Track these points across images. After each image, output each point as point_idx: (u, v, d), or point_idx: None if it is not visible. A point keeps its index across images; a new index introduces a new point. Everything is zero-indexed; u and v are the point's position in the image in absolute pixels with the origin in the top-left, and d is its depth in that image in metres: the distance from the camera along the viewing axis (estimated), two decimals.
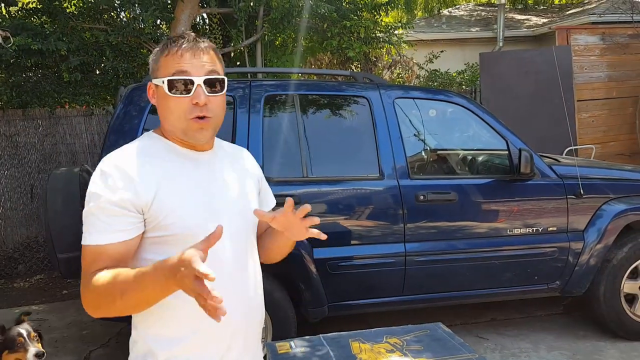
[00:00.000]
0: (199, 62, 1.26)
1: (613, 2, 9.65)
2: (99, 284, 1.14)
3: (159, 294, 1.09)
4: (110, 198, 1.18)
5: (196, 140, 1.28)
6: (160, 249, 1.22)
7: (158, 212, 1.20)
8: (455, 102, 3.73)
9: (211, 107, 1.27)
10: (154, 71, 1.30)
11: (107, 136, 3.24)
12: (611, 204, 3.66)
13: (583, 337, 3.85)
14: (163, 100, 1.27)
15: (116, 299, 1.12)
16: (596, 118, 7.44)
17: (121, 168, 1.21)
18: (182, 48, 1.26)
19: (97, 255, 1.18)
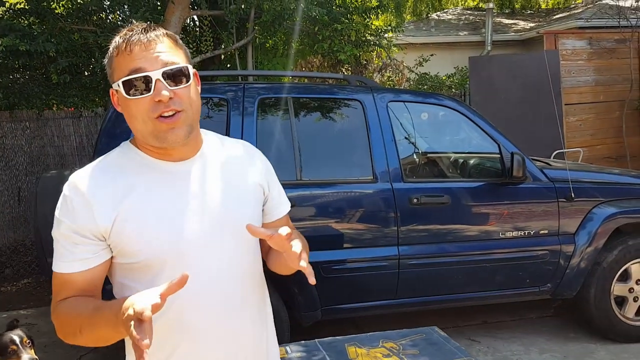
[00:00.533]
0: (153, 54, 1.09)
1: (600, 7, 9.77)
2: (62, 315, 1.10)
3: (113, 334, 1.03)
4: (70, 225, 1.09)
5: (169, 142, 1.11)
6: (131, 274, 1.14)
7: (119, 238, 1.10)
8: (448, 105, 3.74)
9: (178, 101, 1.10)
10: (110, 75, 1.15)
11: (99, 139, 3.21)
12: (601, 207, 3.69)
13: (574, 339, 3.88)
14: (124, 105, 1.12)
15: (76, 334, 1.07)
16: (584, 122, 7.52)
17: (80, 191, 1.10)
18: (131, 42, 1.10)
19: (63, 283, 1.12)
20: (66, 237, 1.10)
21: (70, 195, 1.11)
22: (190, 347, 1.16)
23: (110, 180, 1.13)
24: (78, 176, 1.14)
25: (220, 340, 1.17)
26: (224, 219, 1.18)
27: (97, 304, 1.07)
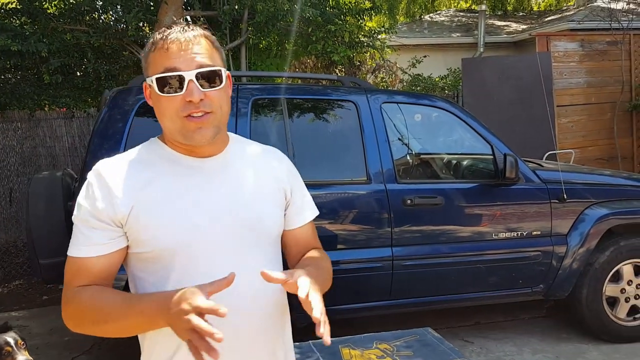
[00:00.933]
0: (189, 55, 1.11)
1: (592, 9, 9.84)
2: (82, 303, 1.09)
3: (144, 325, 1.04)
4: (89, 209, 1.11)
5: (196, 141, 1.14)
6: (144, 265, 1.15)
7: (134, 226, 1.11)
8: (442, 107, 3.76)
9: (208, 103, 1.12)
10: (145, 69, 1.18)
11: (92, 140, 3.20)
12: (593, 208, 3.71)
13: (566, 340, 3.90)
14: (156, 100, 1.15)
15: (99, 323, 1.07)
16: (575, 123, 7.56)
17: (103, 178, 1.13)
18: (169, 40, 1.12)
19: (78, 268, 1.12)
20: (84, 222, 1.12)
21: (92, 181, 1.14)
22: None
23: (133, 169, 1.15)
24: (103, 164, 1.17)
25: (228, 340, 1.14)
26: (241, 219, 1.18)
27: (127, 295, 1.08)
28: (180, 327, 0.94)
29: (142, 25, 6.51)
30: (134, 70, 7.19)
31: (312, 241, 1.37)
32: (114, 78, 6.37)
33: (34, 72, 6.58)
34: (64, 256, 3.51)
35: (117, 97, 3.29)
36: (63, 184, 3.35)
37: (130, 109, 3.23)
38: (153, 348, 1.17)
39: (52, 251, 3.21)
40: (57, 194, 3.30)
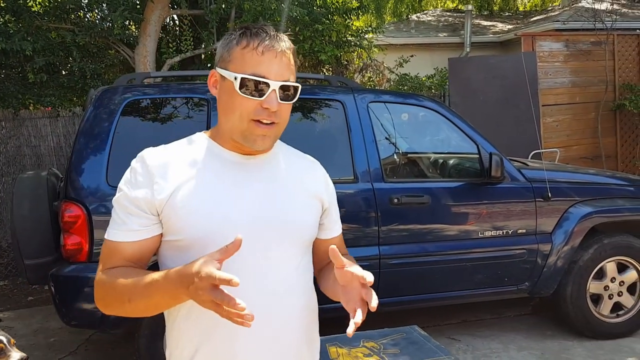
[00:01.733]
0: (279, 65, 1.14)
1: (576, 9, 9.94)
2: (109, 284, 1.13)
3: (168, 301, 1.08)
4: (128, 195, 1.15)
5: (255, 146, 1.17)
6: (175, 254, 1.17)
7: (169, 214, 1.14)
8: (428, 106, 3.78)
9: (279, 114, 1.16)
10: (224, 60, 1.17)
11: (77, 139, 3.18)
12: (577, 206, 3.76)
13: (551, 337, 3.95)
14: (228, 96, 1.16)
15: (124, 302, 1.10)
16: (560, 122, 7.64)
17: (145, 164, 1.16)
18: (265, 45, 1.14)
19: (112, 251, 1.16)
20: (122, 207, 1.16)
21: (135, 167, 1.18)
22: (220, 342, 1.15)
23: (176, 159, 1.18)
24: (147, 152, 1.20)
25: (255, 336, 1.15)
26: (275, 219, 1.19)
27: (150, 273, 1.10)
28: (200, 300, 0.96)
29: (128, 24, 6.47)
30: (120, 69, 7.15)
31: (342, 250, 1.40)
32: (99, 77, 6.32)
33: (18, 70, 6.50)
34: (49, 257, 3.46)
35: (103, 96, 3.27)
36: (48, 183, 3.32)
37: (116, 108, 3.21)
38: (178, 341, 1.19)
39: (38, 252, 3.19)
40: (42, 194, 3.28)
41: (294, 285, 1.21)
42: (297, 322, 1.22)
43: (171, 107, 3.38)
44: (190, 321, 1.16)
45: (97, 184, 3.06)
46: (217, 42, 6.51)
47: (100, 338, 4.11)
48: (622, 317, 3.87)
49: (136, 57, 6.00)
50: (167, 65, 6.21)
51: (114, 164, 3.08)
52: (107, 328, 3.13)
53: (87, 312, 3.06)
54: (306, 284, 1.26)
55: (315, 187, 1.30)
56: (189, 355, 1.17)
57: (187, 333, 1.17)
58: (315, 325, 1.30)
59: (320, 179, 1.34)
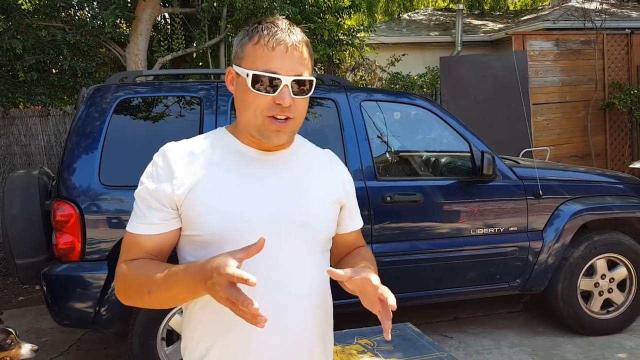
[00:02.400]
0: (290, 59, 1.13)
1: (566, 9, 10.01)
2: (129, 275, 1.14)
3: (187, 295, 1.08)
4: (149, 188, 1.16)
5: (271, 141, 1.17)
6: (193, 249, 1.18)
7: (189, 209, 1.15)
8: (420, 105, 3.80)
9: (294, 109, 1.15)
10: (238, 57, 1.18)
11: (69, 138, 3.16)
12: (568, 204, 3.79)
13: (542, 333, 3.98)
14: (242, 92, 1.17)
15: (144, 294, 1.11)
16: (551, 121, 7.70)
17: (167, 159, 1.17)
18: (275, 40, 1.13)
19: (132, 243, 1.18)
20: (143, 200, 1.17)
21: (157, 161, 1.18)
22: (235, 337, 1.16)
23: (197, 154, 1.19)
24: (169, 146, 1.20)
25: (269, 333, 1.15)
26: (293, 216, 1.19)
27: (170, 266, 1.11)
28: (217, 296, 0.97)
29: (119, 22, 6.43)
30: (111, 67, 7.11)
31: (358, 242, 1.42)
32: (90, 75, 6.28)
33: (8, 69, 6.45)
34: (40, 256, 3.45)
35: (95, 94, 3.25)
36: (40, 182, 3.30)
37: (108, 106, 3.20)
38: (194, 334, 1.20)
39: (29, 251, 3.18)
40: (33, 193, 3.26)
41: (310, 284, 1.21)
42: (311, 321, 1.22)
43: (163, 105, 3.38)
44: (207, 314, 1.17)
45: (90, 183, 3.05)
46: (209, 41, 6.51)
47: (92, 338, 4.09)
48: (612, 314, 3.91)
49: (127, 55, 5.97)
50: (158, 63, 6.18)
51: (107, 163, 3.07)
52: (100, 327, 3.12)
53: (79, 311, 3.05)
54: (322, 283, 1.25)
55: (334, 186, 1.30)
56: (205, 348, 1.18)
57: (203, 326, 1.18)
58: (329, 325, 1.31)
59: (340, 176, 1.34)
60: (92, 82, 6.04)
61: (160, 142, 1.25)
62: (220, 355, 1.16)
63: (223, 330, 1.16)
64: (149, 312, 3.06)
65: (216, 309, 1.13)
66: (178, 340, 3.19)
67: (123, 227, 3.02)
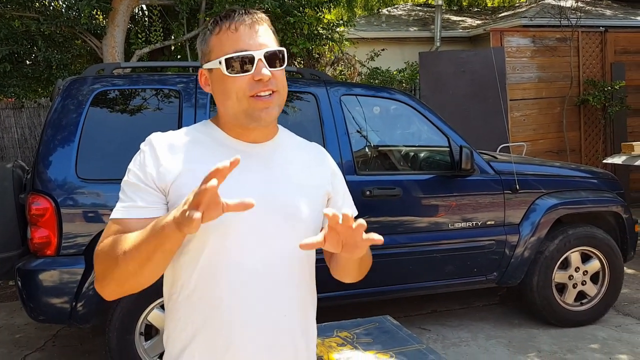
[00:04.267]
0: (256, 35, 1.14)
1: (543, 6, 10.14)
2: (105, 247, 1.10)
3: (158, 245, 1.02)
4: (137, 173, 1.15)
5: (262, 120, 1.16)
6: None
7: (174, 198, 1.13)
8: (400, 99, 3.82)
9: (274, 81, 1.15)
10: (205, 55, 1.19)
11: (45, 130, 3.11)
12: (544, 198, 3.86)
13: (518, 325, 4.05)
14: (220, 83, 1.16)
15: (118, 258, 1.06)
16: (527, 117, 7.81)
17: (153, 147, 1.17)
18: (236, 22, 1.14)
19: (115, 229, 1.14)
20: (131, 185, 1.15)
21: (144, 149, 1.18)
22: (219, 327, 1.15)
23: (182, 144, 1.19)
24: (155, 135, 1.20)
25: (252, 323, 1.15)
26: (279, 208, 1.18)
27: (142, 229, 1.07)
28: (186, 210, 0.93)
29: (96, 14, 6.32)
30: (88, 59, 6.99)
31: None
32: (65, 67, 6.16)
33: None
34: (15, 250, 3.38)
35: (72, 86, 3.20)
36: (14, 176, 3.24)
37: (85, 99, 3.15)
38: (177, 324, 1.19)
39: (3, 246, 3.12)
40: (7, 186, 3.20)
41: (295, 275, 1.21)
42: (296, 313, 1.21)
43: (142, 98, 3.34)
44: (190, 305, 1.16)
45: (66, 176, 3.00)
46: (188, 34, 6.45)
47: (68, 333, 4.04)
48: (586, 306, 3.99)
49: (104, 47, 5.88)
50: (136, 56, 6.10)
51: (84, 156, 3.02)
52: (76, 322, 3.08)
53: (55, 306, 3.01)
54: (307, 275, 1.25)
55: (320, 178, 1.29)
56: (188, 338, 1.17)
57: (186, 316, 1.17)
58: (312, 316, 1.30)
59: (326, 168, 1.33)
60: (67, 74, 5.93)
61: (139, 136, 1.24)
62: (204, 345, 1.16)
63: (206, 321, 1.15)
64: (127, 306, 3.03)
65: (200, 298, 1.14)
66: (157, 335, 3.17)
67: (101, 221, 3.01)
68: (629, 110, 7.94)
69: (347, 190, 1.39)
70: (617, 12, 10.99)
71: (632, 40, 8.24)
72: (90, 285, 2.97)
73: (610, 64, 8.05)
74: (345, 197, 1.36)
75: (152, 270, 1.08)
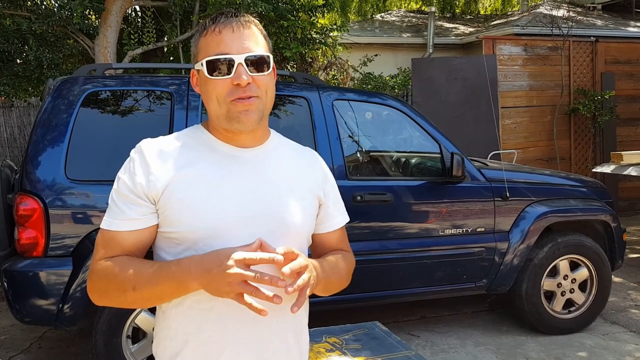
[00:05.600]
0: (239, 38, 1.14)
1: (535, 15, 10.23)
2: (111, 272, 1.11)
3: (175, 290, 1.07)
4: (127, 184, 1.15)
5: (242, 124, 1.14)
6: (170, 247, 1.17)
7: (165, 205, 1.14)
8: (392, 105, 3.83)
9: (255, 87, 1.14)
10: (195, 56, 1.20)
11: (34, 130, 3.08)
12: (533, 206, 3.88)
13: (506, 332, 4.06)
14: (204, 85, 1.17)
15: (127, 291, 1.08)
16: (518, 124, 7.85)
17: (143, 155, 1.16)
18: (221, 24, 1.14)
19: (108, 241, 1.15)
20: (121, 196, 1.15)
21: (134, 157, 1.18)
22: (210, 334, 1.15)
23: (173, 151, 1.18)
24: (145, 142, 1.20)
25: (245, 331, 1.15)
26: (270, 213, 1.18)
27: (158, 262, 1.11)
28: (224, 283, 1.00)
29: (88, 13, 6.29)
30: (79, 59, 6.95)
31: (340, 245, 1.38)
32: (57, 67, 6.12)
33: None
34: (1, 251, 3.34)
35: (62, 86, 3.17)
36: (2, 175, 3.21)
37: (75, 99, 3.13)
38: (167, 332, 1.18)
39: None
40: None
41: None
42: (288, 318, 1.20)
43: (133, 99, 3.32)
44: (181, 312, 1.15)
45: (55, 177, 2.97)
46: (181, 35, 6.43)
47: (54, 335, 4.00)
48: (574, 313, 4.01)
49: (96, 47, 5.84)
50: (128, 57, 6.07)
51: (74, 157, 3.00)
52: (63, 325, 3.05)
53: (42, 308, 2.98)
54: None
55: (312, 183, 1.29)
56: (179, 345, 1.16)
57: (177, 324, 1.16)
58: (304, 319, 1.30)
59: (318, 173, 1.32)
60: (58, 73, 5.90)
61: (129, 137, 1.23)
62: (196, 353, 1.15)
63: (197, 329, 1.15)
64: (115, 309, 3.01)
65: (191, 306, 1.14)
66: (144, 338, 3.14)
67: (89, 222, 2.99)
68: (619, 119, 8.01)
69: (339, 196, 1.38)
70: (608, 23, 11.11)
71: (623, 50, 8.33)
72: (78, 287, 2.94)
73: (601, 74, 8.12)
74: (336, 203, 1.36)
75: (158, 303, 1.15)
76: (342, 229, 1.38)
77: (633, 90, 8.31)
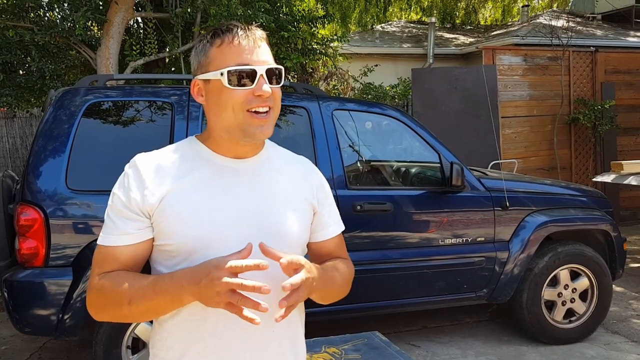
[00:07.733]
0: (258, 51, 1.16)
1: (534, 25, 10.28)
2: (106, 287, 1.13)
3: (169, 304, 1.09)
4: (122, 199, 1.16)
5: (256, 137, 1.17)
6: (165, 259, 1.17)
7: (160, 218, 1.15)
8: (392, 115, 3.84)
9: (272, 98, 1.17)
10: (203, 65, 1.19)
11: (36, 140, 3.10)
12: (534, 216, 3.88)
13: (507, 342, 4.05)
14: (216, 95, 1.16)
15: (123, 305, 1.10)
16: (518, 134, 7.87)
17: (137, 169, 1.17)
18: (239, 36, 1.16)
19: (105, 256, 1.17)
20: (116, 211, 1.16)
21: (128, 172, 1.18)
22: (207, 346, 1.15)
23: (168, 164, 1.19)
24: (140, 157, 1.21)
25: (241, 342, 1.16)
26: (265, 223, 1.19)
27: (152, 276, 1.13)
28: (213, 293, 1.00)
29: (91, 25, 6.34)
30: (81, 70, 6.99)
31: (338, 254, 1.38)
32: (59, 78, 6.16)
33: None
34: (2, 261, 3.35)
35: (64, 97, 3.20)
36: (3, 185, 3.23)
37: (77, 110, 3.15)
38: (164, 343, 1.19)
39: None
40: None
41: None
42: (284, 329, 1.20)
43: (134, 110, 3.34)
44: (177, 324, 1.16)
45: (56, 187, 2.99)
46: (182, 46, 6.47)
47: (54, 345, 3.99)
48: (574, 323, 4.00)
49: (98, 58, 5.88)
50: (130, 68, 6.11)
51: (75, 167, 3.02)
52: (63, 335, 3.05)
53: (42, 318, 2.98)
54: None
55: (307, 192, 1.29)
56: (174, 358, 1.17)
57: (173, 336, 1.17)
58: (301, 332, 1.30)
59: (313, 182, 1.32)
60: (60, 84, 5.93)
61: (130, 148, 1.24)
62: None
63: (194, 340, 1.15)
64: None
65: (187, 318, 1.15)
66: (144, 348, 3.14)
67: (90, 232, 3.00)
68: (619, 129, 8.02)
69: (334, 204, 1.38)
70: (608, 33, 11.16)
71: (622, 60, 8.36)
72: (78, 298, 2.95)
73: (601, 84, 8.15)
74: (331, 212, 1.36)
75: (155, 317, 1.16)
76: (339, 237, 1.38)
77: (633, 99, 8.34)
